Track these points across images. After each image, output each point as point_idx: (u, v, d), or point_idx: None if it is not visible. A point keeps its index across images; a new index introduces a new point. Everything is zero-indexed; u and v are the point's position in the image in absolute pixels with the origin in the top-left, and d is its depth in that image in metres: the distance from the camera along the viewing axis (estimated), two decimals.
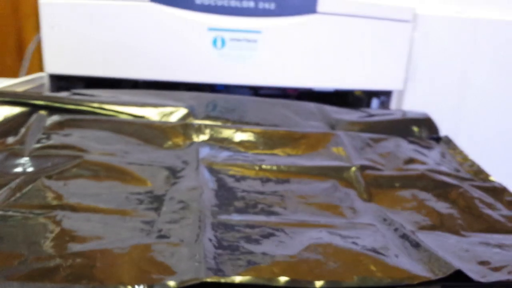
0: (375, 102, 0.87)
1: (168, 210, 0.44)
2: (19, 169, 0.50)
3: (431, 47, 0.86)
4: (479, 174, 0.59)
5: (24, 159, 0.51)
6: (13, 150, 0.52)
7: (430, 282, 0.35)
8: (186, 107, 0.66)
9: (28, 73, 0.95)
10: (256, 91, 0.84)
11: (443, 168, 0.59)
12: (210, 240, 0.39)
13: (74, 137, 0.56)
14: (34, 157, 0.51)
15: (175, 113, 0.65)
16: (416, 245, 0.40)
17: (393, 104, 0.87)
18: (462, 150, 0.64)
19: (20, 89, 0.75)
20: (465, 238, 0.44)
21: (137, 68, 0.77)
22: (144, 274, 0.33)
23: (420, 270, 0.36)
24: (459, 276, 0.35)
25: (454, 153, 0.64)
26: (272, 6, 0.74)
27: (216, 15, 0.74)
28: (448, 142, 0.67)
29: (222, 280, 0.33)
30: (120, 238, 0.38)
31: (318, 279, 0.34)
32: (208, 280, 0.32)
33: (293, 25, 0.75)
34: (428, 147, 0.65)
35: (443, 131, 0.78)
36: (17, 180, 0.46)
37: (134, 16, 0.74)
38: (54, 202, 0.43)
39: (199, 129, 0.61)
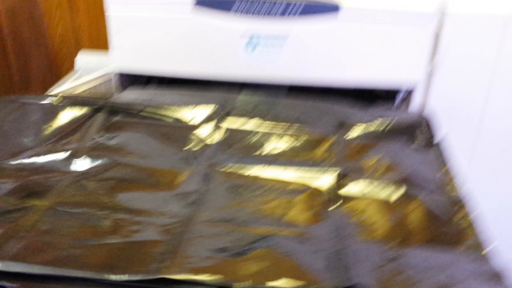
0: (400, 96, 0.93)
1: (169, 214, 0.59)
2: (73, 168, 0.67)
3: (459, 44, 0.89)
4: (449, 186, 0.66)
5: (78, 160, 0.68)
6: (74, 150, 0.70)
7: None
8: (213, 107, 0.80)
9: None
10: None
11: (417, 178, 0.67)
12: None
13: (118, 140, 0.73)
14: (87, 157, 0.69)
15: (203, 113, 0.79)
16: (343, 262, 0.51)
17: (419, 96, 0.93)
18: (446, 159, 0.71)
19: (93, 83, 0.94)
20: (389, 252, 0.54)
21: (186, 68, 0.91)
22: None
23: (322, 277, 0.48)
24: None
25: (439, 161, 0.71)
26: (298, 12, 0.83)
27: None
28: (439, 148, 0.74)
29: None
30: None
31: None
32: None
33: (316, 30, 0.84)
34: (417, 153, 0.73)
35: (465, 127, 0.85)
36: (69, 179, 0.64)
37: (182, 28, 0.87)
38: (88, 201, 0.60)
39: (213, 132, 0.75)
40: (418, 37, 0.83)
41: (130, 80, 0.99)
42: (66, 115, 0.76)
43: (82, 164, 0.68)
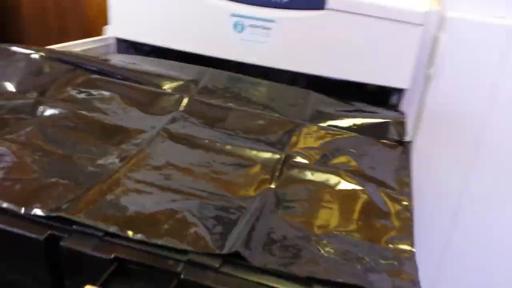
0: (394, 97, 0.90)
1: (101, 165, 0.60)
2: (38, 112, 0.70)
3: (458, 49, 0.86)
4: (401, 183, 0.64)
5: (44, 107, 0.71)
6: (44, 98, 0.73)
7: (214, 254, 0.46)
8: (189, 79, 0.80)
9: None
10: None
11: (370, 171, 0.65)
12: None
13: (88, 95, 0.75)
14: (49, 106, 0.71)
15: (178, 82, 0.80)
16: (250, 230, 0.50)
17: (415, 99, 0.90)
18: (407, 157, 0.68)
19: (90, 46, 0.97)
20: (312, 236, 0.53)
21: (179, 41, 0.92)
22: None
23: (214, 244, 0.48)
24: None
25: (400, 160, 0.68)
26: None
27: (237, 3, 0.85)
28: (405, 147, 0.71)
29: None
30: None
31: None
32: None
33: (303, 18, 0.83)
34: (381, 149, 0.70)
35: (464, 133, 0.84)
36: (30, 121, 0.67)
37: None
38: (34, 142, 0.63)
39: (181, 101, 0.75)
40: (407, 36, 0.80)
41: (131, 49, 1.01)
42: (48, 67, 0.79)
43: (46, 111, 0.70)
